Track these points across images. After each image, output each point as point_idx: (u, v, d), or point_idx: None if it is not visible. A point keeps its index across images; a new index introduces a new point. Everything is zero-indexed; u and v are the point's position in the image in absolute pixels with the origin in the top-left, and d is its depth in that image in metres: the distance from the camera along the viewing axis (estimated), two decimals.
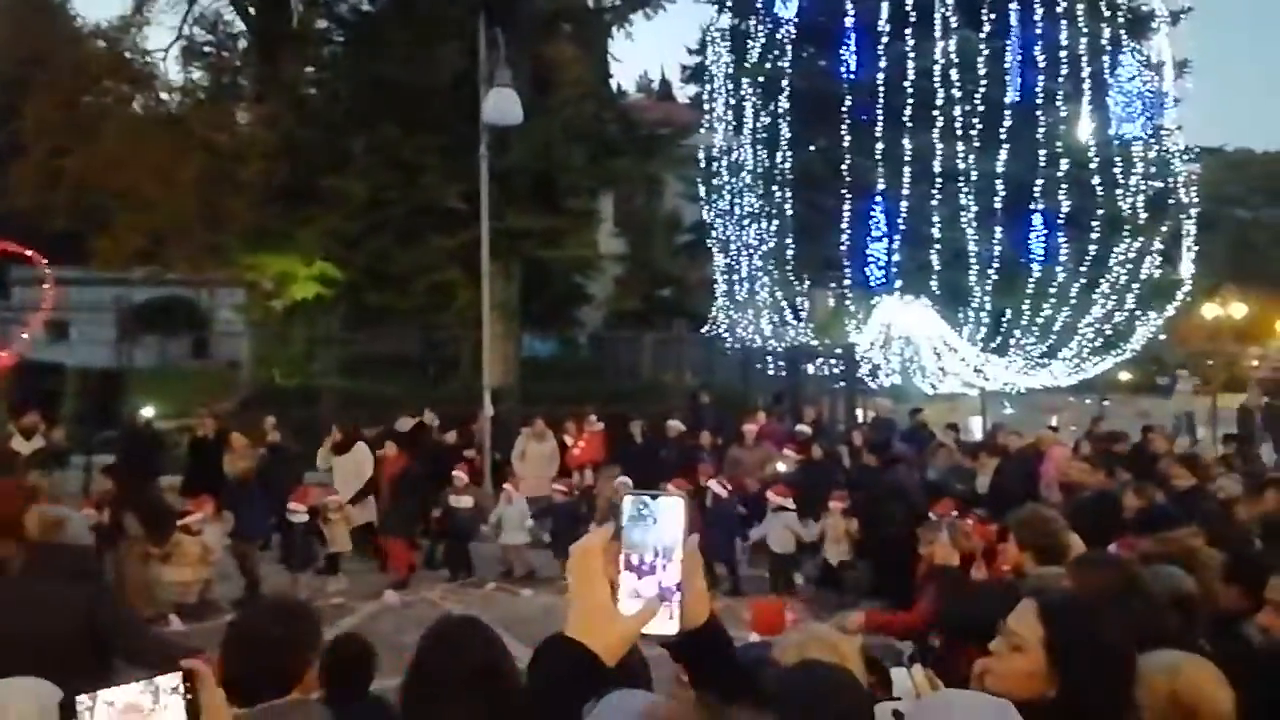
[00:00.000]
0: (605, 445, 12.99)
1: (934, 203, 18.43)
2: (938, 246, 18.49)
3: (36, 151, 18.60)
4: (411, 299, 18.08)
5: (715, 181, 21.40)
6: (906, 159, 18.40)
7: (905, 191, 18.53)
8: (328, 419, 15.45)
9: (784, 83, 19.40)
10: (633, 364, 22.74)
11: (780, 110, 19.50)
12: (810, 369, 18.09)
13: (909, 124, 18.43)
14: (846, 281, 19.25)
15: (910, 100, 18.39)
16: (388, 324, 18.87)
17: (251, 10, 20.89)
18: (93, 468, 10.41)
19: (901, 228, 18.74)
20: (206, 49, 21.71)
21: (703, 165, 21.84)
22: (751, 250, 20.27)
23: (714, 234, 21.92)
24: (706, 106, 22.15)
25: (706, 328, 21.23)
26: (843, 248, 18.97)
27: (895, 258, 18.89)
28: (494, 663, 2.10)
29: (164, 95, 20.71)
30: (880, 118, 18.51)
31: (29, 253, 14.43)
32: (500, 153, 15.39)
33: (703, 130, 22.06)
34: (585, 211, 19.74)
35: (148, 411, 12.65)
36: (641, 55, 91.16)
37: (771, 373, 18.81)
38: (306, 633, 2.18)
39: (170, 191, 18.79)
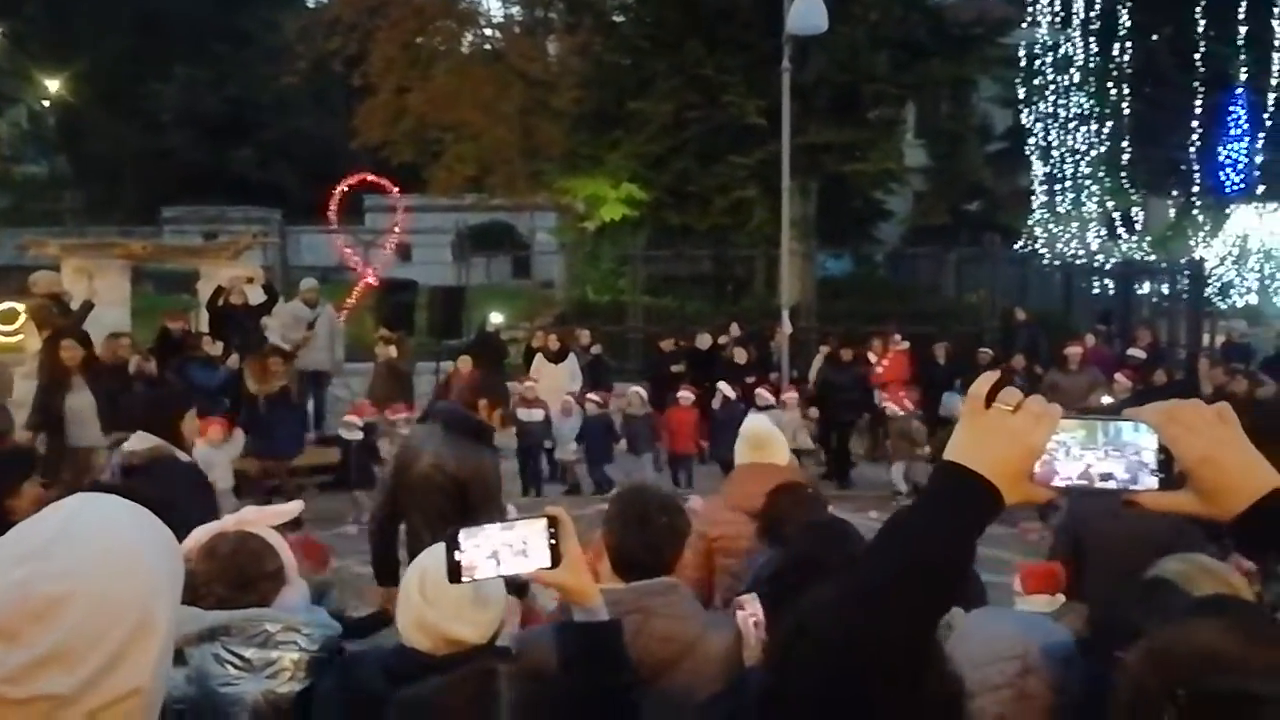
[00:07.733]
0: (910, 366, 12.64)
1: None
2: None
3: (382, 91, 20.66)
4: (709, 218, 18.35)
5: (1036, 82, 19.55)
6: (1278, 44, 15.83)
7: (1275, 82, 15.97)
8: (635, 333, 16.41)
9: None
10: (934, 282, 21.69)
11: None
12: (1144, 287, 16.34)
13: None
14: (1194, 188, 17.02)
15: None
16: (687, 243, 19.33)
17: None
18: (441, 372, 11.80)
19: (1268, 124, 16.20)
20: None
21: (1022, 65, 19.99)
22: (1078, 156, 18.43)
23: (1032, 140, 20.13)
24: None
25: (1020, 243, 19.71)
26: (1191, 150, 16.73)
27: (1257, 159, 16.41)
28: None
29: (486, 31, 22.19)
30: None
31: (384, 182, 16.28)
32: (801, 65, 15.00)
33: (1023, 26, 20.12)
34: (890, 122, 18.82)
35: (496, 318, 13.99)
36: None
37: (1096, 292, 17.18)
38: (684, 526, 2.34)
39: (493, 122, 20.27)
